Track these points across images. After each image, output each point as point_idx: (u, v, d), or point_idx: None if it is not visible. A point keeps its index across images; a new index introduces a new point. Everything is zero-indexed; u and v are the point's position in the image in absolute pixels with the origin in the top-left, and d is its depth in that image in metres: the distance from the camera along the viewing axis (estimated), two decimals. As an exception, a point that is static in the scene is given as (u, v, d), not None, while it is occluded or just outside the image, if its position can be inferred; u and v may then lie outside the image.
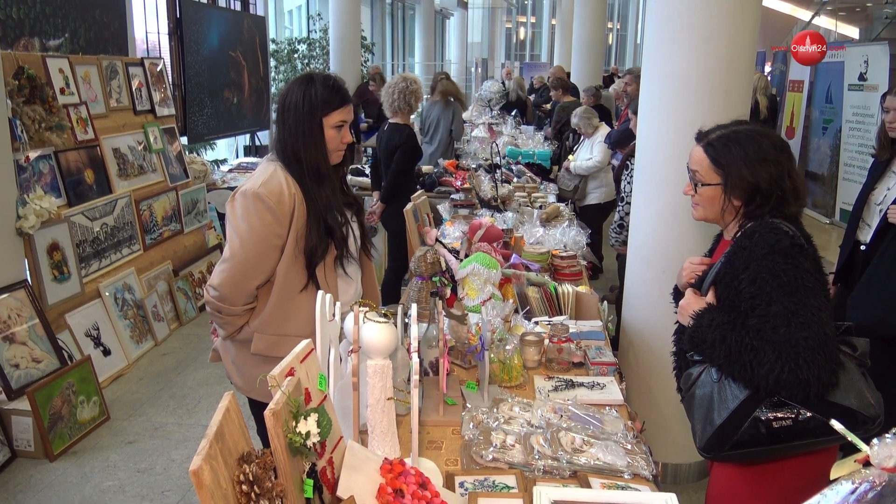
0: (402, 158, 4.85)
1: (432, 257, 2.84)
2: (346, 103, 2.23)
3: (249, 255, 2.14)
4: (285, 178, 2.17)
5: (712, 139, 1.88)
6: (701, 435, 1.81)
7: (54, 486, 3.38)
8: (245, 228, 2.13)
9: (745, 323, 1.72)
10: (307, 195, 2.18)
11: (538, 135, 8.09)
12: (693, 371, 1.87)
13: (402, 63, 21.08)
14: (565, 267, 3.43)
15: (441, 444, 1.95)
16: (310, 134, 2.18)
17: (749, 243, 1.76)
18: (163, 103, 5.70)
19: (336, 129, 2.22)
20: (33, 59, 4.29)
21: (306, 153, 2.18)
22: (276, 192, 2.13)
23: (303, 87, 2.20)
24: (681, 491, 1.80)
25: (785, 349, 1.63)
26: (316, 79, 2.22)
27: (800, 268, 1.70)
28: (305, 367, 1.47)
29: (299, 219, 2.16)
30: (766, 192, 1.80)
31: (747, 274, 1.73)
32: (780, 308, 1.66)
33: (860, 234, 3.18)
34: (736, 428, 1.73)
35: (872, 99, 7.30)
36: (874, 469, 1.02)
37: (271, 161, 2.25)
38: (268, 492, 1.22)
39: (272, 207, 2.11)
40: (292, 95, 2.20)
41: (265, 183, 2.14)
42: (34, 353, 3.76)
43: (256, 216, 2.12)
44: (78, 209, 4.44)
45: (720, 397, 1.76)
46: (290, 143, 2.19)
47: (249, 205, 2.13)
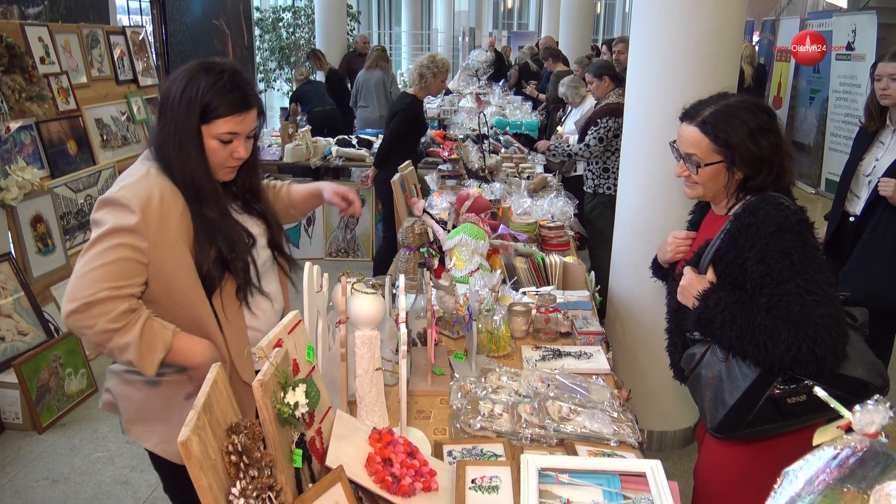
0: (398, 124, 4.91)
1: (420, 228, 2.84)
2: (239, 110, 1.72)
3: (95, 270, 1.59)
4: (158, 184, 1.69)
5: (706, 117, 1.81)
6: (712, 416, 1.78)
7: (43, 457, 3.39)
8: (93, 244, 1.62)
9: (753, 301, 1.69)
10: (189, 202, 1.72)
11: (526, 105, 8.05)
12: (696, 351, 1.84)
13: (388, 32, 20.82)
14: (553, 237, 3.43)
15: (429, 413, 1.96)
16: (183, 141, 1.70)
17: (754, 220, 1.71)
18: (145, 73, 5.61)
19: (221, 141, 1.73)
20: (11, 27, 4.20)
21: (179, 163, 1.70)
22: (143, 197, 1.64)
23: (186, 79, 1.70)
24: (666, 458, 1.82)
25: (801, 328, 1.60)
26: (210, 71, 1.71)
27: (808, 244, 1.67)
28: (293, 338, 1.47)
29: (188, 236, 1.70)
30: (769, 161, 1.76)
31: (754, 252, 1.68)
32: (792, 286, 1.63)
33: (849, 206, 3.19)
34: (750, 407, 1.71)
35: (860, 68, 7.30)
36: (856, 435, 1.03)
37: (146, 160, 1.77)
38: (256, 462, 1.23)
39: (133, 210, 1.61)
40: (173, 86, 1.71)
41: (127, 186, 1.66)
42: (20, 325, 3.74)
43: (108, 224, 1.62)
44: (61, 181, 4.38)
45: (729, 377, 1.73)
46: (161, 145, 1.73)
47: (104, 209, 1.65)
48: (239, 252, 1.77)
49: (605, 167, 4.75)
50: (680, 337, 1.94)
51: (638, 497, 1.48)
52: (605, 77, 4.89)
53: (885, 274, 2.95)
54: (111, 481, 3.21)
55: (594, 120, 4.73)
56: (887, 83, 2.95)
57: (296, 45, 12.03)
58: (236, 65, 1.78)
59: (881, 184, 2.91)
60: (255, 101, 1.77)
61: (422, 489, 1.49)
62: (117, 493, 3.13)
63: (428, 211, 3.24)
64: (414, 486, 1.47)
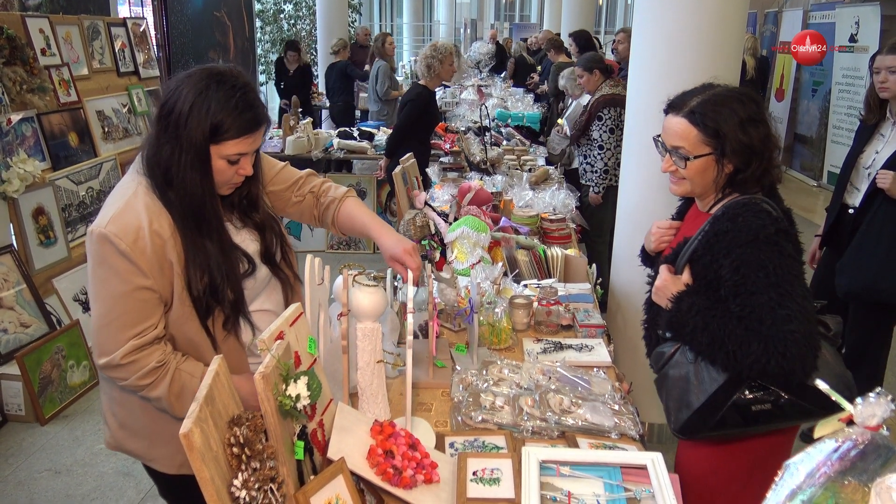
0: (409, 114, 4.93)
1: (421, 220, 2.84)
2: (251, 131, 1.61)
3: (115, 321, 1.57)
4: (147, 208, 1.58)
5: (694, 107, 1.74)
6: (676, 416, 1.78)
7: (46, 449, 3.40)
8: (98, 282, 1.58)
9: (726, 308, 1.66)
10: (182, 231, 1.61)
11: (528, 97, 8.03)
12: (665, 349, 1.82)
13: (389, 24, 20.76)
14: (554, 230, 3.43)
15: (431, 406, 1.97)
16: (189, 163, 1.58)
17: (732, 227, 1.66)
18: (147, 65, 5.60)
19: (228, 161, 1.62)
20: (12, 18, 4.19)
21: (181, 188, 1.59)
22: (131, 230, 1.55)
23: (194, 94, 1.56)
24: (666, 450, 1.81)
25: (771, 342, 1.58)
26: (221, 84, 1.58)
27: (784, 254, 1.63)
28: (295, 330, 1.47)
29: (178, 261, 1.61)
30: (759, 152, 1.71)
31: (729, 261, 1.65)
32: (765, 299, 1.60)
33: (848, 198, 3.18)
34: (715, 411, 1.70)
35: (863, 61, 7.27)
36: (857, 428, 1.03)
37: (136, 174, 1.65)
38: (258, 454, 1.23)
39: (125, 251, 1.53)
40: (180, 101, 1.56)
41: (115, 218, 1.56)
42: (22, 317, 3.75)
43: (107, 266, 1.56)
44: (62, 173, 4.38)
45: (697, 379, 1.72)
46: (159, 164, 1.59)
47: (96, 251, 1.57)
48: (232, 283, 1.67)
49: (619, 161, 4.73)
50: (654, 330, 1.92)
51: (639, 489, 1.48)
52: (596, 70, 4.88)
53: (882, 266, 2.94)
54: (113, 473, 3.23)
55: (596, 114, 4.71)
56: (885, 76, 2.93)
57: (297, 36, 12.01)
58: (246, 77, 1.66)
59: (879, 176, 2.91)
60: (265, 118, 1.66)
61: (423, 481, 1.49)
62: (119, 485, 3.14)
63: (429, 203, 3.24)
64: (415, 478, 1.48)
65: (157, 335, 1.61)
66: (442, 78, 5.04)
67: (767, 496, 1.04)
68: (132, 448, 1.77)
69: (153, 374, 1.59)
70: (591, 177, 4.82)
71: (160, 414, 1.69)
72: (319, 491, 1.31)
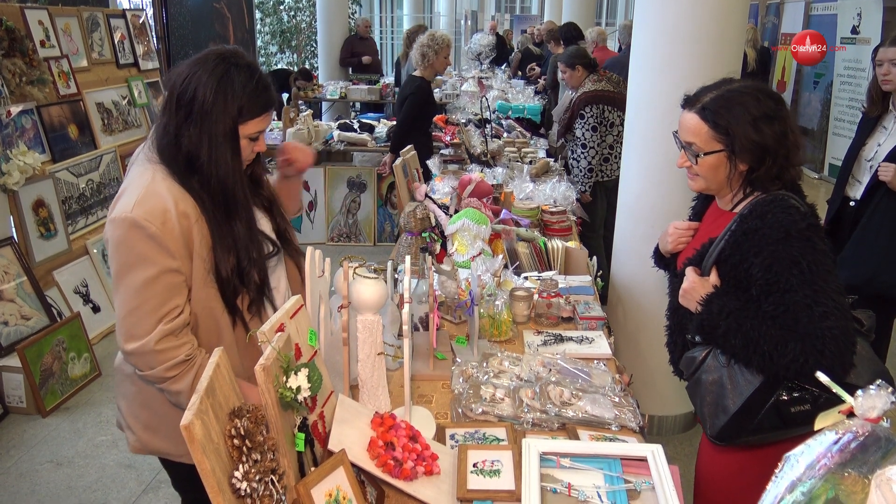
0: (410, 108, 4.89)
1: (422, 213, 2.83)
2: (269, 108, 1.71)
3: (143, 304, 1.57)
4: (170, 192, 1.60)
5: (706, 103, 1.71)
6: (712, 422, 1.73)
7: (48, 441, 3.41)
8: (125, 270, 1.58)
9: (759, 309, 1.62)
10: (207, 214, 1.64)
11: (529, 89, 8.01)
12: (696, 354, 1.78)
13: (390, 15, 20.70)
14: (555, 222, 3.43)
15: (431, 398, 1.97)
16: (218, 146, 1.62)
17: (761, 224, 1.62)
18: (146, 56, 5.58)
19: (249, 139, 1.70)
20: (11, 10, 4.18)
21: (214, 169, 1.63)
22: (158, 212, 1.57)
23: (216, 78, 1.61)
24: (667, 442, 1.83)
25: (809, 340, 1.55)
26: (233, 68, 1.64)
27: (817, 250, 1.59)
28: (295, 322, 1.47)
29: (202, 244, 1.63)
30: (773, 151, 1.67)
31: (760, 259, 1.60)
32: (799, 297, 1.56)
33: (849, 190, 3.18)
34: (753, 415, 1.66)
35: (865, 52, 7.25)
36: (858, 420, 1.03)
37: (149, 163, 1.66)
38: (259, 445, 1.23)
39: (154, 234, 1.55)
40: (199, 87, 1.60)
41: (140, 202, 1.57)
42: (23, 310, 3.75)
43: (136, 250, 1.56)
44: (62, 165, 4.38)
45: (732, 383, 1.68)
46: (187, 146, 1.62)
47: (122, 236, 1.57)
48: (259, 265, 1.73)
49: (604, 157, 4.71)
50: (680, 335, 1.87)
51: (639, 481, 1.48)
52: (578, 66, 4.82)
53: (883, 258, 2.94)
54: (115, 465, 3.23)
55: (578, 112, 4.66)
56: (888, 68, 2.92)
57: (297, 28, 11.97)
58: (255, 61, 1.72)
59: (881, 169, 2.90)
60: (274, 98, 1.75)
61: (424, 473, 1.49)
62: (121, 477, 3.15)
63: (430, 195, 3.24)
64: (416, 469, 1.48)
65: (184, 320, 1.63)
66: (436, 69, 4.99)
67: (767, 488, 1.04)
68: (160, 447, 1.78)
69: (180, 367, 1.61)
70: (577, 173, 4.77)
71: None
72: (320, 483, 1.31)
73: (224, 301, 1.69)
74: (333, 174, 6.28)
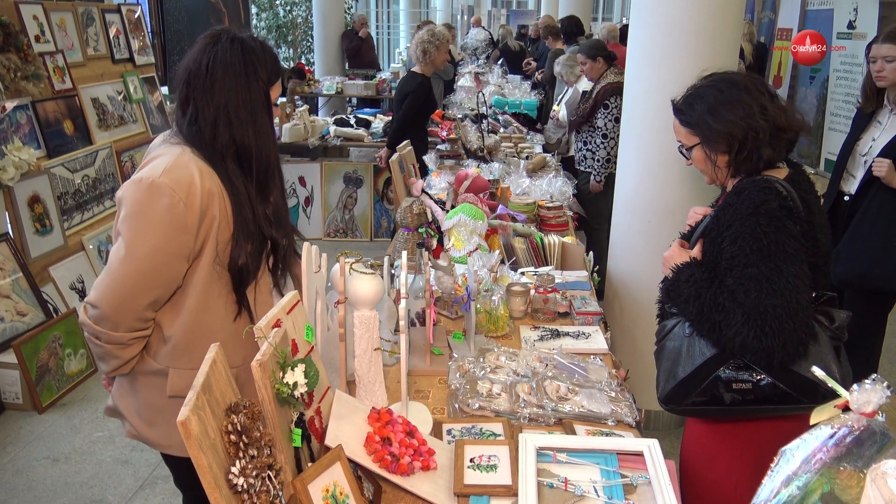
0: (411, 105, 4.88)
1: (418, 208, 2.84)
2: (281, 74, 1.76)
3: (142, 265, 1.56)
4: (198, 168, 1.59)
5: (678, 103, 1.86)
6: (664, 386, 1.82)
7: (44, 437, 3.41)
8: (137, 230, 1.56)
9: (722, 282, 1.68)
10: (236, 198, 1.64)
11: (525, 84, 8.00)
12: (668, 323, 1.86)
13: (386, 10, 20.64)
14: (551, 217, 3.43)
15: (428, 393, 1.97)
16: (259, 115, 1.64)
17: (736, 200, 1.69)
18: (142, 52, 5.56)
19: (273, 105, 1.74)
20: (6, 5, 4.16)
21: (258, 143, 1.64)
22: (184, 184, 1.56)
23: (237, 48, 1.62)
24: (663, 437, 1.83)
25: (753, 315, 1.58)
26: (247, 38, 1.67)
27: (782, 231, 1.62)
28: (292, 318, 1.47)
29: (221, 227, 1.63)
30: (741, 137, 1.73)
31: (730, 232, 1.67)
32: (755, 272, 1.61)
33: (844, 185, 3.19)
34: (697, 384, 1.72)
35: (861, 48, 7.22)
36: (853, 414, 1.04)
37: (175, 145, 1.64)
38: (256, 441, 1.23)
39: (176, 204, 1.54)
40: (223, 61, 1.60)
41: (169, 170, 1.56)
42: (18, 306, 3.74)
43: (154, 214, 1.55)
44: (58, 161, 4.36)
45: (688, 352, 1.75)
46: (227, 130, 1.62)
47: (144, 198, 1.55)
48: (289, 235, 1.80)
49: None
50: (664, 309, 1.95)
51: (635, 476, 1.49)
52: (599, 58, 4.84)
53: (876, 253, 2.95)
54: (111, 461, 3.23)
55: (602, 102, 4.68)
56: (882, 65, 2.93)
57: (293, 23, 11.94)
58: None
59: (875, 164, 2.91)
60: None
61: (420, 468, 1.50)
62: (118, 473, 3.15)
63: (426, 191, 3.23)
64: (413, 465, 1.48)
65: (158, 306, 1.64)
66: (435, 65, 4.99)
67: (763, 482, 1.05)
68: (150, 437, 1.76)
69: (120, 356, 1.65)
70: (591, 164, 4.81)
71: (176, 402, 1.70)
72: (317, 478, 1.31)
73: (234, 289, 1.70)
74: (330, 169, 6.28)
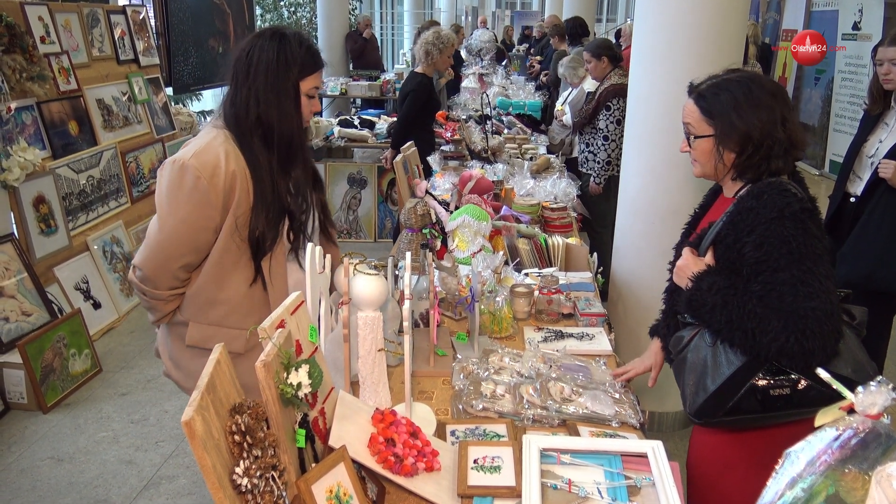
0: (412, 104, 4.89)
1: (422, 209, 2.83)
2: (320, 67, 1.97)
3: (172, 235, 1.83)
4: (225, 151, 1.83)
5: (702, 89, 1.79)
6: (692, 400, 1.75)
7: (49, 437, 3.41)
8: (168, 204, 1.83)
9: (747, 288, 1.64)
10: (256, 173, 1.86)
11: (529, 85, 8.00)
12: (684, 334, 1.80)
13: (390, 12, 20.67)
14: (555, 219, 3.43)
15: (432, 394, 1.97)
16: (284, 99, 1.87)
17: (756, 204, 1.65)
18: (146, 53, 5.58)
19: (308, 97, 1.94)
20: (11, 6, 4.17)
21: (280, 123, 1.88)
22: (210, 166, 1.80)
23: (275, 42, 1.87)
24: (667, 438, 1.83)
25: (792, 319, 1.56)
26: (288, 34, 1.91)
27: (809, 233, 1.61)
28: (296, 318, 1.47)
29: (240, 202, 1.85)
30: (757, 141, 1.70)
31: (753, 238, 1.63)
32: (787, 276, 1.58)
33: (850, 187, 3.17)
34: (731, 395, 1.67)
35: (866, 49, 7.24)
36: (858, 416, 1.03)
37: (216, 128, 1.91)
38: (260, 442, 1.23)
39: (202, 184, 1.79)
40: (261, 52, 1.86)
41: (198, 153, 1.81)
42: (23, 306, 3.75)
43: (182, 192, 1.80)
44: (63, 161, 4.37)
45: (714, 362, 1.69)
46: (255, 109, 1.86)
47: (175, 177, 1.81)
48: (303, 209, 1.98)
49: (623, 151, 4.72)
50: (673, 317, 1.90)
51: (639, 477, 1.48)
52: (604, 57, 4.82)
53: (882, 255, 2.94)
54: (116, 461, 3.24)
55: (605, 104, 4.67)
56: (889, 67, 2.92)
57: (297, 24, 11.96)
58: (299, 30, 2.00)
59: (881, 166, 2.90)
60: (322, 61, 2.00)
61: (424, 469, 1.50)
62: (122, 473, 3.16)
63: (430, 192, 3.24)
64: (416, 466, 1.48)
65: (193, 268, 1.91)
66: (438, 67, 5.00)
67: (768, 484, 1.04)
68: (176, 377, 2.05)
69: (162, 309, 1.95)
70: (592, 166, 4.80)
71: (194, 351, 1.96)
72: (321, 479, 1.31)
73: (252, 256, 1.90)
74: (334, 170, 6.28)
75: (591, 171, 4.80)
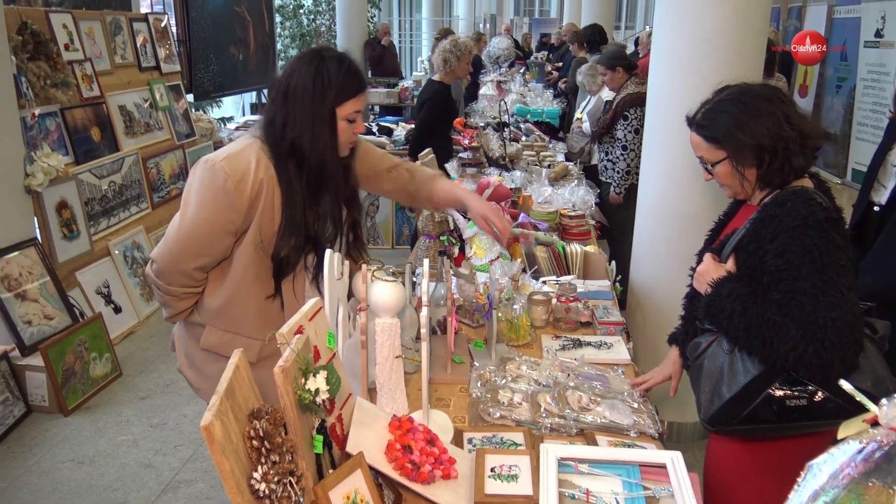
0: (428, 111, 4.91)
1: (440, 216, 2.84)
2: (362, 90, 1.90)
3: (192, 234, 1.83)
4: (257, 159, 1.83)
5: (699, 119, 1.79)
6: (707, 407, 1.74)
7: (69, 439, 3.45)
8: (194, 202, 1.83)
9: (767, 296, 1.63)
10: (289, 199, 1.86)
11: (547, 92, 7.99)
12: (702, 340, 1.79)
13: (409, 19, 20.76)
14: (574, 226, 3.41)
15: (449, 401, 1.97)
16: (319, 126, 1.84)
17: (780, 212, 1.64)
18: (168, 60, 5.64)
19: (348, 121, 1.89)
20: (36, 14, 4.24)
21: (312, 150, 1.84)
22: (240, 171, 1.80)
23: (312, 66, 1.84)
24: (686, 449, 1.80)
25: (811, 329, 1.54)
26: (328, 58, 1.86)
27: (832, 243, 1.59)
28: (314, 325, 1.48)
29: (265, 211, 1.85)
30: (770, 148, 1.69)
31: (775, 245, 1.62)
32: (808, 285, 1.57)
33: (874, 195, 3.13)
34: (746, 403, 1.66)
35: (889, 56, 7.15)
36: (882, 429, 1.02)
37: (255, 137, 1.90)
38: (278, 447, 1.24)
39: (228, 187, 1.78)
40: (299, 78, 1.83)
41: (231, 157, 1.82)
42: (46, 310, 3.80)
43: (209, 192, 1.81)
44: (85, 167, 4.43)
45: (731, 370, 1.68)
46: (290, 134, 1.84)
47: (205, 176, 1.81)
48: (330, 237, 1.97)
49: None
50: (692, 324, 1.89)
51: (658, 488, 1.47)
52: (619, 68, 4.80)
53: None
54: (135, 464, 3.26)
55: (622, 113, 4.65)
56: None
57: (316, 32, 12.05)
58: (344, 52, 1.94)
59: None
60: (366, 83, 1.97)
61: (441, 477, 1.49)
62: (141, 476, 3.18)
63: (448, 199, 3.23)
64: (433, 473, 1.48)
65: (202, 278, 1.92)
66: (456, 75, 5.01)
67: (790, 497, 1.03)
68: (188, 376, 2.07)
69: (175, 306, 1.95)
70: (611, 175, 4.79)
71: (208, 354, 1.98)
72: (338, 485, 1.31)
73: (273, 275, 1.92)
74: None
75: (611, 181, 4.79)
